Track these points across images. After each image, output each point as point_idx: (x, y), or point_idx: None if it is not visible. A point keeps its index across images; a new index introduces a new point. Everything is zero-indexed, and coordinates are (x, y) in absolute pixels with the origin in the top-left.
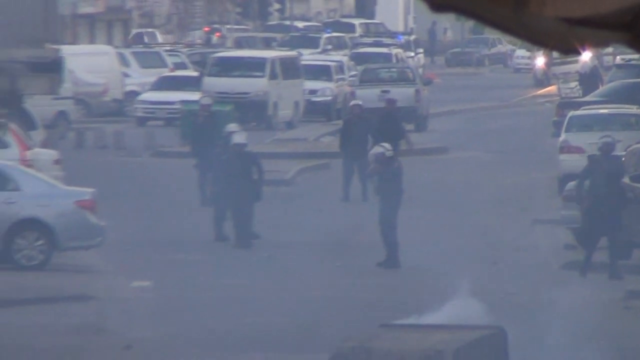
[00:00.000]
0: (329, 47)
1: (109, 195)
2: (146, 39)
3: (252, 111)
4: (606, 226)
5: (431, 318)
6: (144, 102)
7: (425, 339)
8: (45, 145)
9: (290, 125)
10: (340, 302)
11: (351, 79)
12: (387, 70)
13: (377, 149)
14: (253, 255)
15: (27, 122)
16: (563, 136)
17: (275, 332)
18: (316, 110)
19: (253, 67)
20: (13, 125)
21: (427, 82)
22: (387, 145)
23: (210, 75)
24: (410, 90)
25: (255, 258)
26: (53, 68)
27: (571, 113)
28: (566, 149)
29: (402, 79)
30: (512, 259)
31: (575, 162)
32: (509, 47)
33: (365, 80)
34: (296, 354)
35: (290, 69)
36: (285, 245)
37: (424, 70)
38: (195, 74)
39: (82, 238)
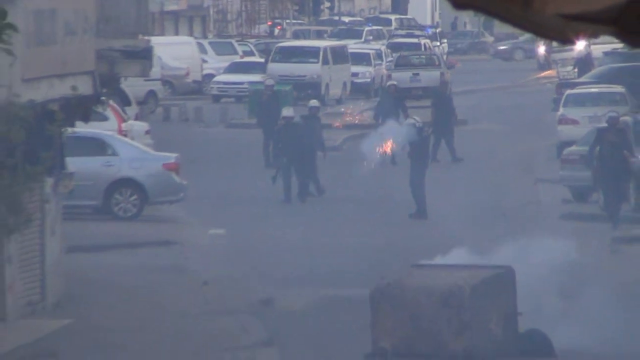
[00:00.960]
0: (370, 38)
1: (190, 159)
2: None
3: (308, 90)
4: (613, 183)
5: (453, 259)
6: (218, 82)
7: (448, 277)
8: (137, 118)
9: (339, 101)
10: (378, 247)
11: (387, 64)
12: (417, 56)
13: (410, 121)
14: (310, 208)
15: (123, 100)
16: (561, 111)
17: (325, 271)
18: (359, 90)
19: (309, 54)
20: (112, 102)
21: (450, 67)
22: (417, 118)
23: (273, 61)
24: (436, 73)
25: (311, 211)
26: (144, 55)
27: (568, 92)
28: (563, 121)
29: (430, 64)
30: (519, 211)
31: (571, 132)
32: (491, 38)
33: (399, 65)
34: (343, 290)
35: (339, 56)
36: (336, 201)
37: (447, 57)
38: (260, 60)
39: (168, 194)
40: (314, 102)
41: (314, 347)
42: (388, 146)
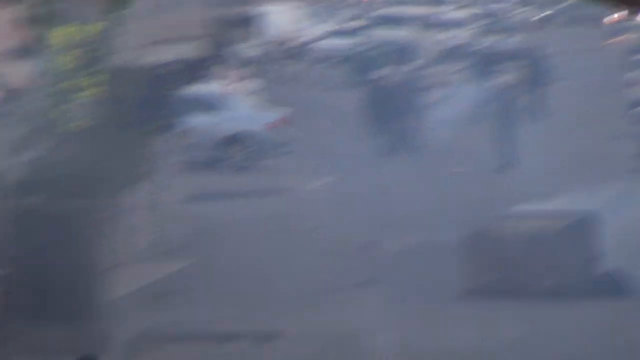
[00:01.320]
0: (459, 4)
1: (296, 115)
2: None
3: (401, 53)
4: None
5: (541, 206)
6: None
7: (537, 222)
8: (249, 78)
9: (429, 63)
10: (472, 194)
11: (473, 28)
12: (502, 22)
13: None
14: (408, 160)
15: (235, 61)
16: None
17: (424, 217)
18: None
19: (403, 21)
20: (224, 63)
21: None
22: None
23: (373, 27)
24: (520, 37)
25: (410, 162)
26: (253, 22)
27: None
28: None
29: (514, 28)
30: (604, 160)
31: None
32: None
33: (487, 30)
34: (440, 233)
35: (433, 21)
36: (431, 153)
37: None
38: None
39: (276, 147)
40: (412, 64)
41: (414, 287)
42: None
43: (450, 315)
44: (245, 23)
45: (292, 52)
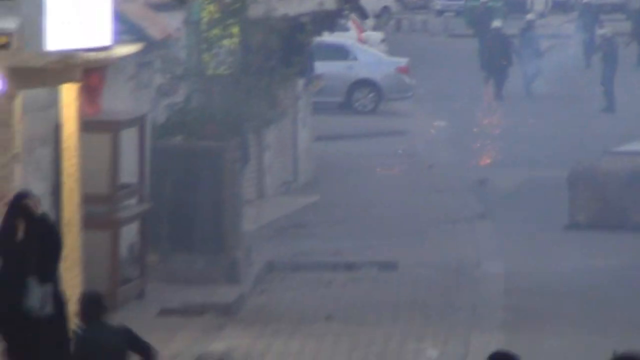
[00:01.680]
0: None
1: (418, 63)
2: None
3: (515, 6)
4: None
5: (637, 146)
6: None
7: (633, 161)
8: (374, 29)
9: (542, 15)
10: (574, 137)
11: None
12: None
13: (601, 31)
14: (515, 104)
15: (362, 14)
16: None
17: (530, 157)
18: (557, 5)
19: None
20: (352, 16)
21: None
22: (608, 28)
23: None
24: None
25: (516, 106)
26: None
27: None
28: None
29: None
30: None
31: None
32: None
33: None
34: (544, 172)
35: None
36: (537, 98)
37: None
38: None
39: (400, 92)
40: (530, 16)
41: (521, 220)
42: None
43: (555, 246)
44: None
45: (416, 5)
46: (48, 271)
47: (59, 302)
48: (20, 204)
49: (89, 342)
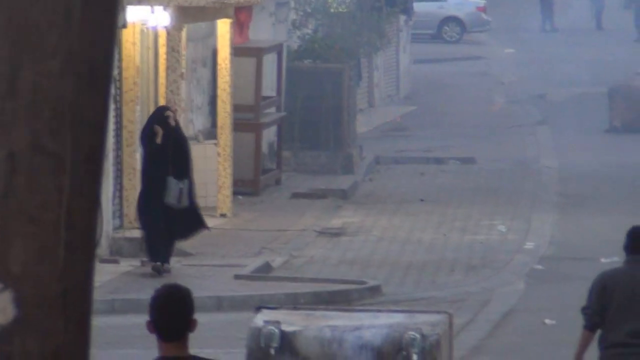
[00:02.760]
0: None
1: (493, 3)
2: None
3: None
4: None
5: None
6: None
7: None
8: None
9: None
10: (610, 61)
11: None
12: None
13: None
14: (561, 35)
15: None
16: None
17: (578, 77)
18: None
19: None
20: None
21: None
22: None
23: None
24: None
25: (565, 36)
26: None
27: None
28: None
29: None
30: None
31: None
32: None
33: None
34: (590, 88)
35: None
36: (576, 30)
37: None
38: None
39: (479, 26)
40: None
41: (571, 125)
42: None
43: (598, 146)
44: None
45: None
46: (182, 170)
47: (192, 196)
48: (160, 115)
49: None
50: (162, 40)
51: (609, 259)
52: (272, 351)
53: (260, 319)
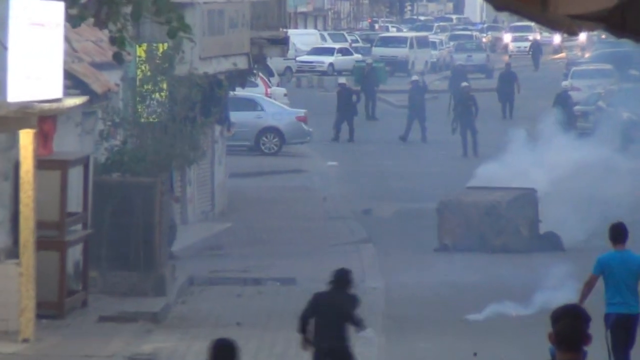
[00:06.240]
0: (438, 30)
1: (314, 113)
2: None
3: (398, 66)
4: None
5: (494, 184)
6: (301, 61)
7: (490, 195)
8: (279, 85)
9: (422, 74)
10: (442, 175)
11: (448, 48)
12: (470, 43)
13: (464, 84)
14: (401, 148)
15: (268, 72)
16: (569, 81)
17: (407, 191)
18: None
19: (400, 42)
20: (260, 74)
21: (492, 51)
22: (467, 84)
23: (375, 46)
24: (483, 55)
25: (402, 149)
26: (283, 42)
27: (573, 68)
28: (570, 88)
29: (479, 49)
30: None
31: (575, 95)
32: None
33: (458, 49)
34: (418, 204)
35: (422, 43)
36: (411, 144)
37: (492, 45)
38: (366, 46)
39: (299, 137)
40: (415, 77)
41: (398, 243)
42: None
43: (427, 265)
44: (277, 43)
45: (311, 66)
46: None
47: None
48: None
49: None
50: None
51: None
52: None
53: None
